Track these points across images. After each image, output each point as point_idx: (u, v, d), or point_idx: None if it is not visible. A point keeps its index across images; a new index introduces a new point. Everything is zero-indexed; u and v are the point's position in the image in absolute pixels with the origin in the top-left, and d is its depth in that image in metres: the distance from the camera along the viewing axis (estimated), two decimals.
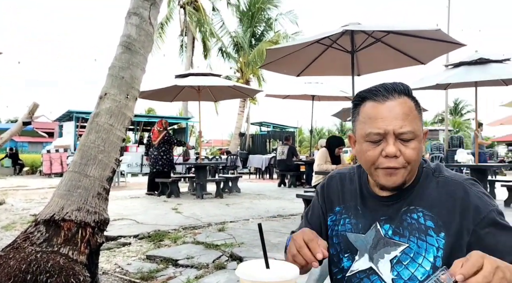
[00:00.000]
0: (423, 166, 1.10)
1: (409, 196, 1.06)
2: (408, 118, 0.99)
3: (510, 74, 6.81)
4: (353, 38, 5.40)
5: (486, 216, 0.95)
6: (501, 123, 14.98)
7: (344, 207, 1.18)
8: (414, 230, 1.03)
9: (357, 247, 1.13)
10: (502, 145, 30.81)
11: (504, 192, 7.10)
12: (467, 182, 1.04)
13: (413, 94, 1.04)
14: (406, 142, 0.99)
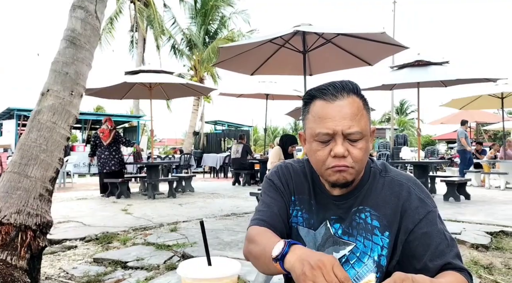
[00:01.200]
0: (370, 166, 1.12)
1: (358, 196, 1.08)
2: (356, 118, 1.00)
3: (449, 76, 7.29)
4: (305, 38, 5.53)
5: (425, 217, 1.00)
6: (441, 123, 16.00)
7: (298, 198, 1.16)
8: (361, 230, 1.05)
9: (306, 242, 1.13)
10: (443, 142, 32.82)
11: (444, 186, 7.59)
12: (410, 183, 1.08)
13: (361, 93, 1.05)
14: (354, 142, 1.00)
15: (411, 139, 24.54)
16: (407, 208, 1.02)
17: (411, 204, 1.03)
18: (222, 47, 5.51)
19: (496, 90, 9.39)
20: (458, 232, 4.39)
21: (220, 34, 18.21)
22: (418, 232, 0.99)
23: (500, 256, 3.74)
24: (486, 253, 3.85)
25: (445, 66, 7.55)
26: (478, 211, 6.01)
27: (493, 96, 9.93)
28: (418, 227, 1.00)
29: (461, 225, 4.88)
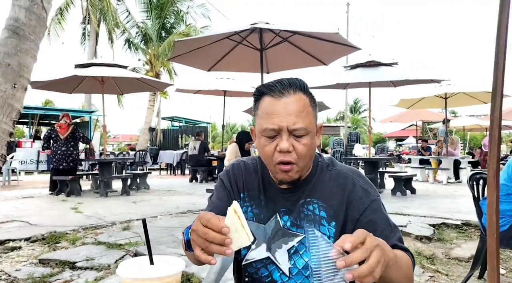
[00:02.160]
0: (318, 160, 1.17)
1: (306, 189, 1.13)
2: (301, 115, 1.04)
3: (397, 77, 7.64)
4: (262, 36, 5.56)
5: (369, 206, 1.06)
6: (390, 121, 16.73)
7: (248, 195, 1.20)
8: (310, 221, 1.09)
9: (256, 236, 1.15)
10: (392, 140, 34.38)
11: (392, 182, 7.97)
12: (355, 175, 1.14)
13: (309, 91, 1.09)
14: (299, 138, 1.04)
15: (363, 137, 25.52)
16: (352, 198, 1.08)
17: (356, 195, 1.08)
18: (178, 41, 5.41)
19: (440, 91, 9.98)
20: (404, 224, 4.63)
21: (178, 28, 17.85)
22: (364, 221, 1.05)
23: (441, 247, 4.00)
24: (429, 244, 4.10)
25: (395, 67, 7.91)
26: (422, 205, 6.38)
27: (438, 96, 10.53)
28: (363, 216, 1.05)
29: (407, 218, 5.16)
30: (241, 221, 0.80)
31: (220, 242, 0.80)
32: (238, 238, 0.80)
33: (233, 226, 0.80)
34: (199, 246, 0.82)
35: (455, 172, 10.78)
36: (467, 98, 10.86)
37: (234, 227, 0.80)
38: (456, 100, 10.98)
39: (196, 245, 0.83)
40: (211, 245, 0.80)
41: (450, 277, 3.19)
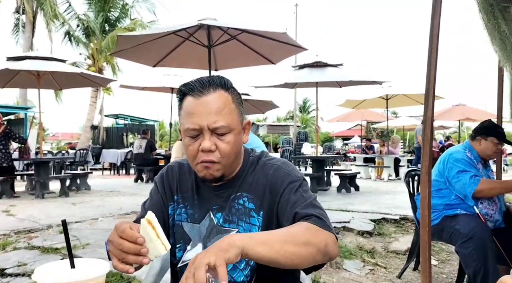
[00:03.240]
0: (250, 155, 1.17)
1: (237, 184, 1.12)
2: (222, 113, 1.03)
3: (343, 77, 7.91)
4: (210, 33, 5.48)
5: (287, 187, 1.06)
6: (337, 121, 17.32)
7: (182, 196, 1.19)
8: (241, 215, 1.09)
9: (191, 236, 1.14)
10: (339, 139, 35.62)
11: (337, 179, 8.24)
12: (279, 162, 1.14)
13: (232, 88, 1.09)
14: (222, 136, 1.04)
15: (312, 136, 26.16)
16: (274, 183, 1.08)
17: (277, 179, 1.09)
18: (121, 36, 5.18)
19: (382, 92, 10.49)
20: (347, 220, 4.79)
21: (122, 23, 17.14)
22: (282, 201, 1.05)
23: (381, 241, 4.19)
24: (370, 238, 4.27)
25: (340, 68, 8.18)
26: (365, 201, 6.65)
27: (380, 97, 11.06)
28: (281, 197, 1.06)
29: (350, 214, 5.35)
30: (156, 231, 0.82)
31: (136, 252, 0.81)
32: (154, 248, 0.82)
33: (148, 236, 0.82)
34: (115, 256, 0.83)
35: (395, 169, 11.38)
36: (406, 100, 11.52)
37: (149, 237, 0.82)
38: (396, 101, 11.60)
39: (113, 255, 0.84)
40: (127, 255, 0.81)
41: (388, 269, 3.34)
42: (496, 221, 2.75)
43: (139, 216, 1.18)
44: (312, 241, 0.90)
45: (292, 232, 0.91)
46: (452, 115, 13.89)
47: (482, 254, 2.49)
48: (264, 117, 35.62)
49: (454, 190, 2.77)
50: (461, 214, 2.72)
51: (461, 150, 2.90)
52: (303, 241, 0.88)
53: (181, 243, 1.16)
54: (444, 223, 2.77)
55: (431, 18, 2.08)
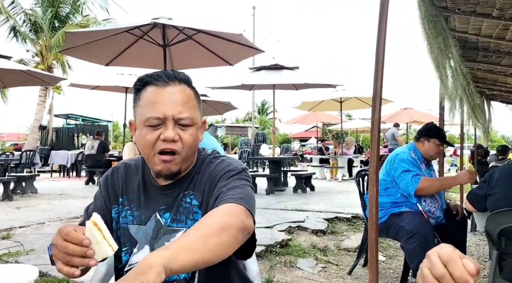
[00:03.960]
0: (201, 154, 1.17)
1: (185, 183, 1.11)
2: (187, 105, 1.03)
3: (299, 80, 8.08)
4: (165, 32, 5.39)
5: (223, 175, 1.06)
6: (294, 122, 17.64)
7: (127, 198, 1.15)
8: (188, 213, 1.08)
9: (138, 239, 1.11)
10: (297, 140, 36.23)
11: (294, 180, 8.37)
12: (224, 157, 1.15)
13: (193, 85, 1.09)
14: (185, 127, 1.03)
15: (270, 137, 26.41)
16: (214, 176, 1.08)
17: (217, 172, 1.08)
18: (69, 32, 4.96)
19: (336, 95, 10.81)
20: (302, 220, 4.88)
21: (73, 19, 16.39)
22: (215, 190, 1.04)
23: (333, 239, 4.31)
24: (323, 237, 4.38)
25: (296, 71, 8.35)
26: (320, 201, 6.81)
27: (334, 100, 11.39)
28: (216, 186, 1.05)
29: (305, 213, 5.45)
30: (102, 232, 0.81)
31: (81, 254, 0.80)
32: (101, 249, 0.81)
33: (94, 238, 0.81)
34: (60, 260, 0.81)
35: (349, 170, 11.75)
36: (359, 103, 11.95)
37: (95, 239, 0.81)
38: (350, 104, 12.00)
39: (58, 259, 0.82)
40: (73, 258, 0.80)
41: (340, 266, 3.44)
42: (437, 218, 2.92)
43: (82, 221, 1.13)
44: (229, 223, 0.86)
45: (207, 223, 0.85)
46: (400, 118, 14.59)
47: (424, 249, 2.62)
48: (222, 118, 35.49)
49: (399, 189, 2.91)
50: (406, 211, 2.87)
51: (406, 151, 3.06)
52: (220, 227, 0.84)
53: (127, 246, 1.13)
54: (390, 220, 2.90)
55: (378, 22, 2.17)
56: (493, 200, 2.20)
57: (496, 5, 2.85)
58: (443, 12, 3.32)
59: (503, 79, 5.30)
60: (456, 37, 3.95)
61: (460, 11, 3.23)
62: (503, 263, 1.93)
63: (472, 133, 6.71)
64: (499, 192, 2.17)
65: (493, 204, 2.18)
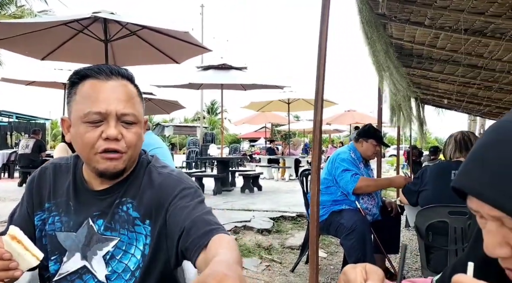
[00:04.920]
0: (141, 157, 1.10)
1: (122, 188, 1.04)
2: (131, 101, 0.97)
3: (247, 81, 8.11)
4: (107, 27, 5.16)
5: (180, 193, 1.01)
6: (243, 123, 17.70)
7: (55, 203, 1.06)
8: (124, 223, 1.02)
9: (67, 247, 1.03)
10: (246, 140, 36.42)
11: (242, 180, 8.39)
12: (169, 170, 1.09)
13: (136, 83, 1.04)
14: (129, 125, 0.97)
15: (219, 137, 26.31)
16: (162, 192, 1.02)
17: (167, 187, 1.03)
18: (1, 23, 4.58)
19: (284, 97, 11.00)
20: (248, 219, 4.90)
21: (6, 9, 15.22)
22: (173, 208, 0.99)
23: (278, 238, 4.37)
24: (268, 236, 4.43)
25: (244, 71, 8.38)
26: (266, 200, 6.89)
27: (282, 101, 11.58)
28: (172, 204, 1.00)
29: (252, 213, 5.48)
30: (23, 244, 0.79)
31: (4, 268, 0.79)
32: (24, 261, 0.80)
33: (15, 252, 0.80)
34: None
35: (296, 169, 12.02)
36: (306, 104, 12.25)
37: (16, 252, 0.80)
38: (297, 105, 12.27)
39: None
40: None
41: (283, 264, 3.50)
42: (374, 214, 3.07)
43: (5, 229, 1.04)
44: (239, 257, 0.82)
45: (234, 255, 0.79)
46: (344, 119, 15.18)
47: (362, 245, 2.75)
48: (170, 118, 34.80)
49: (339, 187, 3.02)
50: (346, 209, 2.98)
51: (347, 151, 3.18)
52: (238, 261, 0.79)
53: (56, 254, 1.04)
54: (331, 218, 3.00)
55: (320, 23, 2.23)
56: (424, 197, 2.35)
57: (427, 14, 3.05)
58: (381, 19, 3.49)
59: (435, 84, 5.68)
60: (393, 43, 4.18)
61: (396, 19, 3.41)
62: (430, 255, 2.07)
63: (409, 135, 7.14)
64: (429, 189, 2.32)
65: (423, 200, 2.33)
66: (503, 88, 4.40)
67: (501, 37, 2.92)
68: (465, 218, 1.96)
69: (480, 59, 3.61)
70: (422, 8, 2.89)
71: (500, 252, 0.53)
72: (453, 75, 4.55)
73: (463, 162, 0.56)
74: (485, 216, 0.54)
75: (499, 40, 2.96)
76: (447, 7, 2.73)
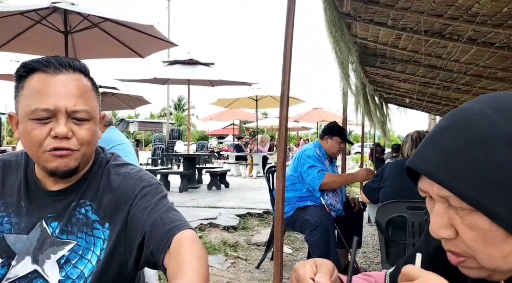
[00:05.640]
0: (100, 155, 1.05)
1: (80, 189, 0.99)
2: (84, 96, 0.92)
3: (214, 76, 8.04)
4: (67, 18, 4.95)
5: (140, 191, 0.97)
6: (210, 119, 17.57)
7: (4, 203, 0.99)
8: (82, 226, 0.97)
9: (16, 250, 0.97)
10: (214, 137, 36.21)
11: (209, 177, 8.34)
12: (129, 169, 1.04)
13: (90, 75, 0.98)
14: (81, 122, 0.91)
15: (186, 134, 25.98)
16: (122, 192, 0.98)
17: (127, 188, 0.99)
18: None
19: (252, 93, 11.01)
20: (214, 217, 4.88)
21: None
22: (135, 209, 0.95)
23: (244, 235, 4.37)
24: (235, 233, 4.42)
25: (211, 67, 8.29)
26: (233, 197, 6.88)
27: (250, 98, 11.59)
28: (133, 205, 0.96)
29: (218, 210, 5.46)
30: None
31: None
32: None
33: None
34: None
35: (263, 166, 12.07)
36: (273, 101, 12.31)
37: None
38: (265, 102, 12.33)
39: None
40: None
41: (249, 261, 3.50)
42: (338, 210, 3.13)
43: None
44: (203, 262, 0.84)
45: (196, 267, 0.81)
46: (312, 117, 15.40)
47: (326, 241, 2.80)
48: (135, 113, 34.00)
49: (305, 184, 3.05)
50: (311, 205, 3.02)
51: (312, 148, 3.22)
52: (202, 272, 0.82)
53: (4, 258, 0.97)
54: (296, 214, 3.03)
55: (286, 19, 2.23)
56: (384, 193, 2.41)
57: (390, 15, 3.13)
58: (346, 18, 3.55)
59: (397, 84, 5.86)
60: (358, 43, 4.26)
61: (361, 19, 3.48)
62: (389, 249, 2.13)
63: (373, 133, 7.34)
64: (389, 185, 2.39)
65: (383, 196, 2.39)
66: (460, 88, 4.60)
67: (458, 39, 3.04)
68: (422, 213, 2.04)
69: (439, 60, 3.75)
70: (384, 8, 2.96)
71: (445, 233, 0.55)
72: (414, 75, 4.71)
73: (419, 144, 0.58)
74: (434, 197, 0.56)
75: (456, 42, 3.08)
76: (408, 9, 2.81)
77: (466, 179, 0.51)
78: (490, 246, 0.51)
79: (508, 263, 0.52)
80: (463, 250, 0.54)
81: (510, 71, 3.48)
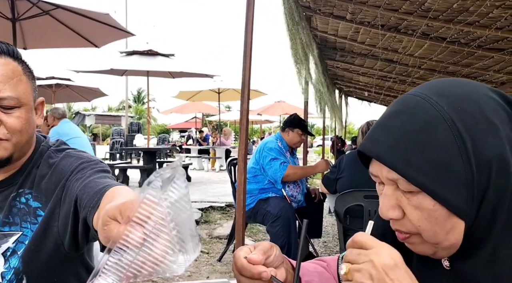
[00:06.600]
0: (41, 144, 1.00)
1: (19, 180, 0.94)
2: (10, 82, 0.86)
3: (175, 68, 7.85)
4: (14, 4, 4.64)
5: (78, 167, 0.92)
6: (171, 112, 17.26)
7: None
8: (24, 215, 0.92)
9: None
10: (176, 131, 35.63)
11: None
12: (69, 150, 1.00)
13: (22, 59, 0.93)
14: (9, 110, 0.86)
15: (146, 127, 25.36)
16: (60, 171, 0.94)
17: (65, 166, 0.94)
18: None
19: (214, 86, 10.90)
20: None
21: None
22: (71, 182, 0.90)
23: (206, 228, 4.34)
24: (197, 227, 4.38)
25: (172, 58, 8.09)
26: (195, 191, 6.80)
27: (212, 91, 11.47)
28: (69, 179, 0.91)
29: None
30: None
31: None
32: None
33: None
34: None
35: (226, 160, 12.04)
36: (236, 94, 12.25)
37: None
38: (228, 95, 12.24)
39: None
40: None
41: (211, 254, 3.48)
42: (299, 201, 3.17)
43: None
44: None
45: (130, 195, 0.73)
46: (275, 110, 15.52)
47: (287, 231, 2.83)
48: (92, 106, 32.75)
49: (267, 176, 3.06)
50: (272, 196, 3.04)
51: (274, 140, 3.24)
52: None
53: None
54: (258, 206, 3.04)
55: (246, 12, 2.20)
56: (341, 183, 2.47)
57: (349, 9, 3.17)
58: (306, 11, 3.57)
59: (356, 77, 6.00)
60: (318, 36, 4.30)
61: (321, 12, 3.51)
62: (347, 238, 2.18)
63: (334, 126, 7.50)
64: (346, 176, 2.44)
65: (341, 186, 2.45)
66: (415, 82, 4.78)
67: (412, 34, 3.15)
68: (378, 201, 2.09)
69: (395, 54, 3.87)
70: (343, 2, 3.01)
71: (393, 214, 0.57)
72: (372, 69, 4.84)
73: (370, 128, 0.60)
74: (383, 180, 0.58)
75: (411, 36, 3.19)
76: (365, 3, 2.86)
77: (413, 162, 0.53)
78: (434, 225, 0.54)
79: (449, 239, 0.55)
80: (409, 229, 0.57)
81: (460, 66, 3.65)
